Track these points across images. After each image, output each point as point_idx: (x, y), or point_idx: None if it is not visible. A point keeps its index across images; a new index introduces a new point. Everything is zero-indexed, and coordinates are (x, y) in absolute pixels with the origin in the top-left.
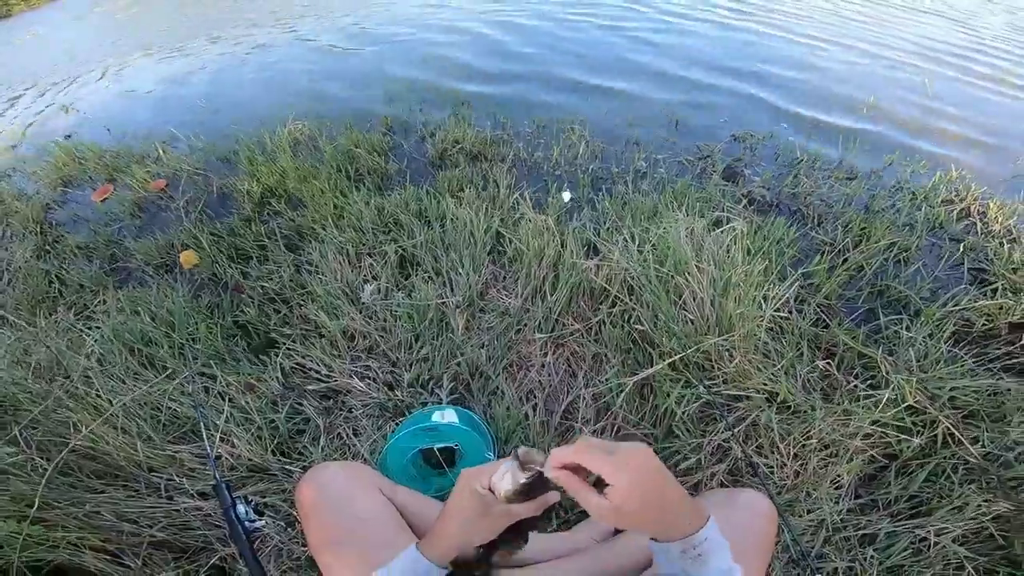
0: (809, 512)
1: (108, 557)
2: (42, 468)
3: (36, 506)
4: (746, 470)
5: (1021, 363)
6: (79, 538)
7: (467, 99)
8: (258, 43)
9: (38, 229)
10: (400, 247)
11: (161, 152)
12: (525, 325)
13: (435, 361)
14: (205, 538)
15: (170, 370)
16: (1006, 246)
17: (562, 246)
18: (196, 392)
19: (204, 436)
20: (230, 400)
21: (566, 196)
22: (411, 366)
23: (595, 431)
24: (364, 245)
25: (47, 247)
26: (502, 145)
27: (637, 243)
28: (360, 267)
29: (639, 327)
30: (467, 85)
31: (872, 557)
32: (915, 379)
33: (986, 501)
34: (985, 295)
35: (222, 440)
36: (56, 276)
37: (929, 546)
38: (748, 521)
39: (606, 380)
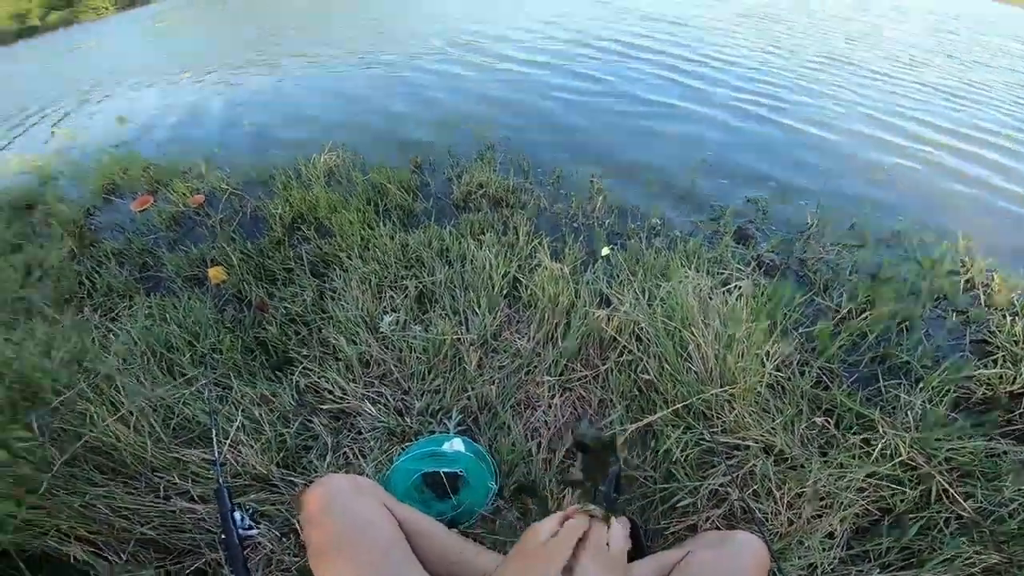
0: (801, 559)
1: (92, 549)
2: (51, 456)
3: (42, 491)
4: (741, 516)
5: (1019, 429)
6: (69, 527)
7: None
8: (314, 69)
9: (77, 232)
10: (420, 283)
11: (204, 169)
12: (535, 367)
13: (446, 393)
14: (194, 541)
15: (188, 376)
16: (1008, 319)
17: (576, 295)
18: (211, 399)
19: (214, 440)
20: (243, 411)
21: (605, 251)
22: (422, 395)
23: None
24: (386, 277)
25: (83, 249)
26: (523, 193)
27: (648, 297)
28: (381, 298)
29: (645, 376)
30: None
31: None
32: (910, 436)
33: (977, 553)
34: (986, 365)
35: (230, 447)
36: (87, 278)
37: None
38: (740, 562)
39: (610, 424)
